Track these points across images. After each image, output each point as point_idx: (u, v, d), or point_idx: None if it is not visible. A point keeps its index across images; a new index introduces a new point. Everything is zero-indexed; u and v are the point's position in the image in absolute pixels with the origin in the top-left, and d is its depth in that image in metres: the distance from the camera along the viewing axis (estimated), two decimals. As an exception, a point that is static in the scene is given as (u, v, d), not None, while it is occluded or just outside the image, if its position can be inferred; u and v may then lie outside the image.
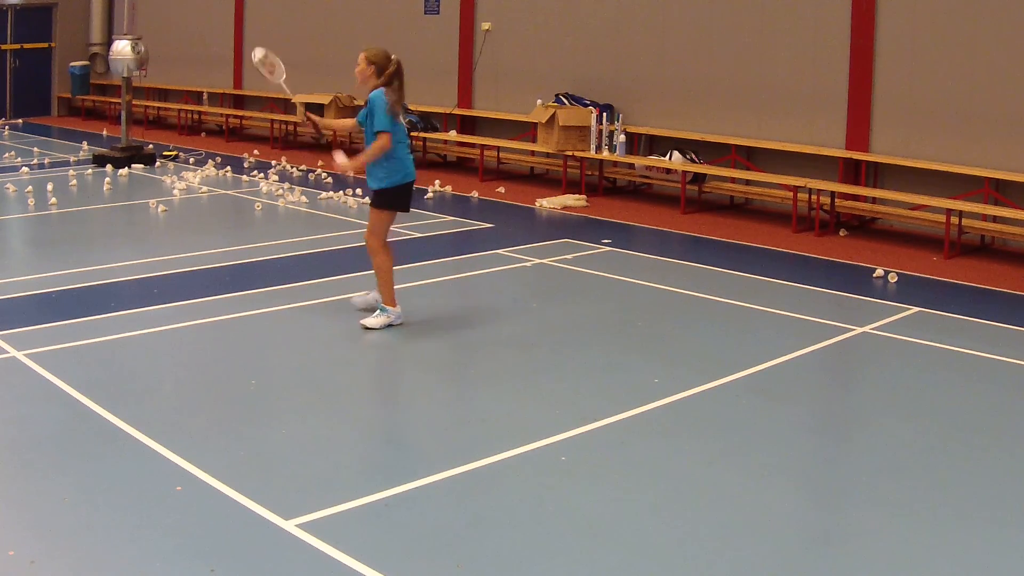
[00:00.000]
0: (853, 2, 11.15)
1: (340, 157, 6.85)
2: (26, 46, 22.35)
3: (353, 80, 6.96)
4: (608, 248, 9.63)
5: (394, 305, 6.82)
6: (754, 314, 7.50)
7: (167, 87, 20.77)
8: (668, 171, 12.21)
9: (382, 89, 6.66)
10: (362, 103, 7.00)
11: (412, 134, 14.99)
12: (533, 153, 13.89)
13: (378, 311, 6.80)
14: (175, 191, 12.27)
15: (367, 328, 6.69)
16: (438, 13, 15.81)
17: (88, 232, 10.40)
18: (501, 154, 14.26)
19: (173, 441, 4.91)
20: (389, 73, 6.67)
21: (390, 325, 6.76)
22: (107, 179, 13.17)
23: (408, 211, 7.13)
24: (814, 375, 6.41)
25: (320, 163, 14.72)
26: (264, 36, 19.03)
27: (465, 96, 15.48)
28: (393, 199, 6.85)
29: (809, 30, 11.62)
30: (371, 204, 6.91)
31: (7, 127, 20.24)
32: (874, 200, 10.94)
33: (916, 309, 7.66)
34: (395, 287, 6.88)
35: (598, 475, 4.75)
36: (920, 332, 7.03)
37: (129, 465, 4.69)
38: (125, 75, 14.56)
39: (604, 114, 12.85)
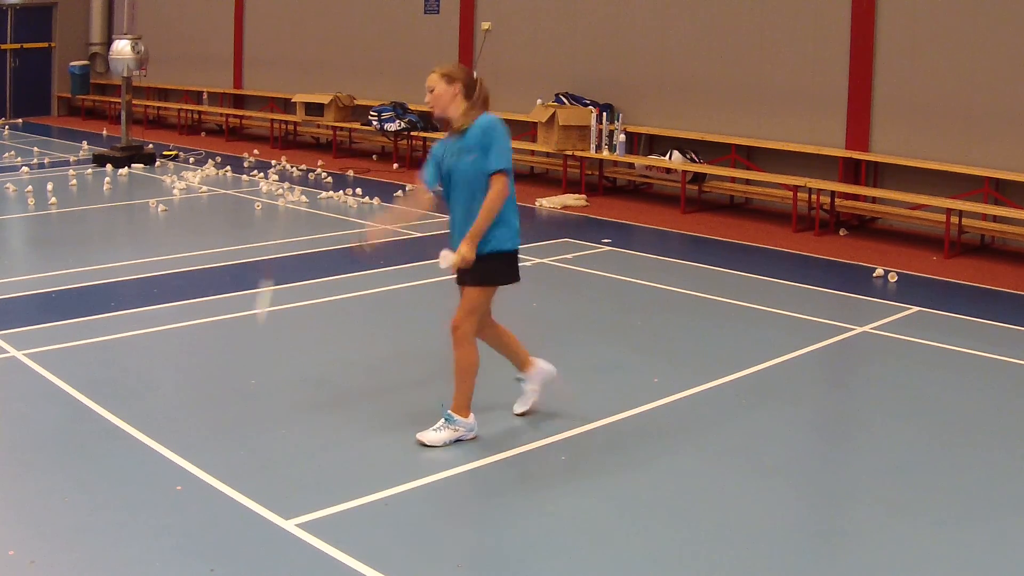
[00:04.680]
0: (853, 2, 11.15)
1: (448, 259, 4.91)
2: (26, 46, 22.35)
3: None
4: (608, 248, 9.63)
5: (467, 414, 5.04)
6: (754, 314, 7.50)
7: (167, 87, 20.77)
8: (668, 171, 12.21)
9: (496, 118, 4.99)
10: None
11: (412, 134, 15.01)
12: (533, 153, 13.88)
13: (443, 421, 4.99)
14: (175, 191, 12.27)
15: (424, 445, 4.93)
16: (438, 13, 15.81)
17: (88, 232, 10.39)
18: (501, 154, 14.24)
19: (173, 441, 4.91)
20: (481, 96, 5.05)
21: (458, 440, 5.01)
22: (107, 179, 13.17)
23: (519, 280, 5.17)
24: (814, 375, 6.41)
25: (320, 163, 14.73)
26: (264, 36, 19.06)
27: (465, 96, 15.45)
28: (506, 268, 5.01)
29: (809, 30, 11.61)
30: (471, 278, 4.95)
31: (7, 127, 20.24)
32: (874, 200, 10.94)
33: (916, 309, 7.66)
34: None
35: (598, 475, 4.75)
36: (920, 332, 7.03)
37: (129, 465, 4.69)
38: (125, 75, 14.56)
39: (604, 114, 12.85)
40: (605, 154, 12.68)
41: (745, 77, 12.21)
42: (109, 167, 14.06)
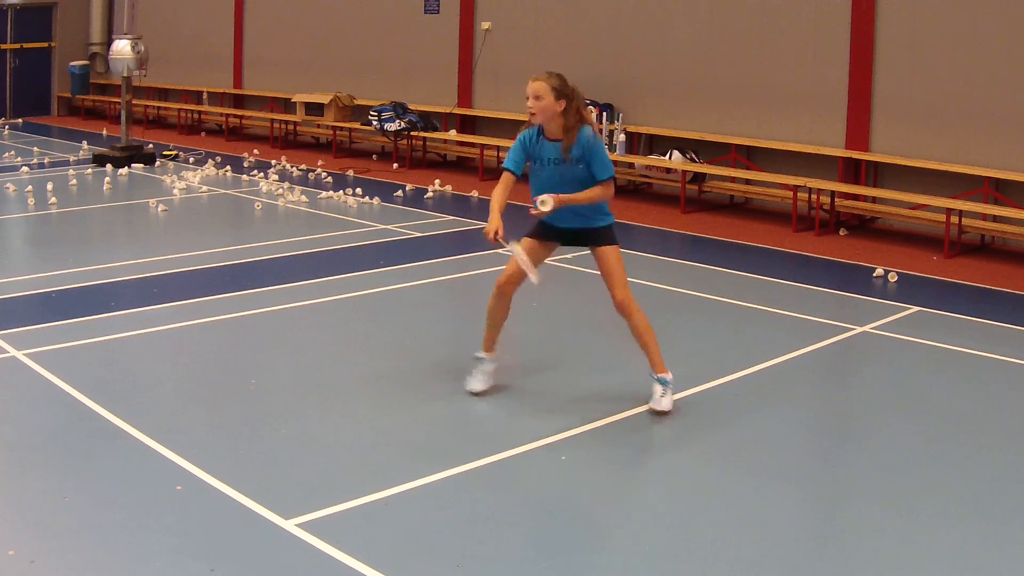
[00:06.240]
0: (853, 2, 11.15)
1: (549, 202, 5.28)
2: (26, 46, 22.35)
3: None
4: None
5: (667, 370, 5.48)
6: (754, 313, 7.50)
7: (167, 87, 20.78)
8: (668, 170, 12.21)
9: (590, 128, 5.40)
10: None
11: (412, 134, 15.02)
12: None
13: (659, 387, 5.43)
14: (175, 191, 12.27)
15: (660, 413, 5.38)
16: (438, 13, 15.81)
17: (88, 232, 10.40)
18: (501, 153, 14.25)
19: (173, 441, 4.91)
20: (580, 110, 5.39)
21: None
22: (107, 179, 13.17)
23: None
24: (814, 375, 6.41)
25: (320, 163, 14.73)
26: (264, 36, 19.06)
27: (465, 96, 15.48)
28: (615, 232, 5.61)
29: (809, 30, 11.61)
30: (605, 243, 5.48)
31: (7, 127, 20.24)
32: (874, 199, 10.94)
33: (916, 309, 7.66)
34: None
35: (598, 475, 4.75)
36: (920, 332, 7.03)
37: (129, 465, 4.69)
38: (125, 75, 14.56)
39: (604, 114, 12.85)
40: (605, 154, 12.66)
41: (745, 77, 12.21)
42: (109, 167, 14.06)
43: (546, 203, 5.28)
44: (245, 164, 14.74)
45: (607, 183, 5.38)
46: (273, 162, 14.82)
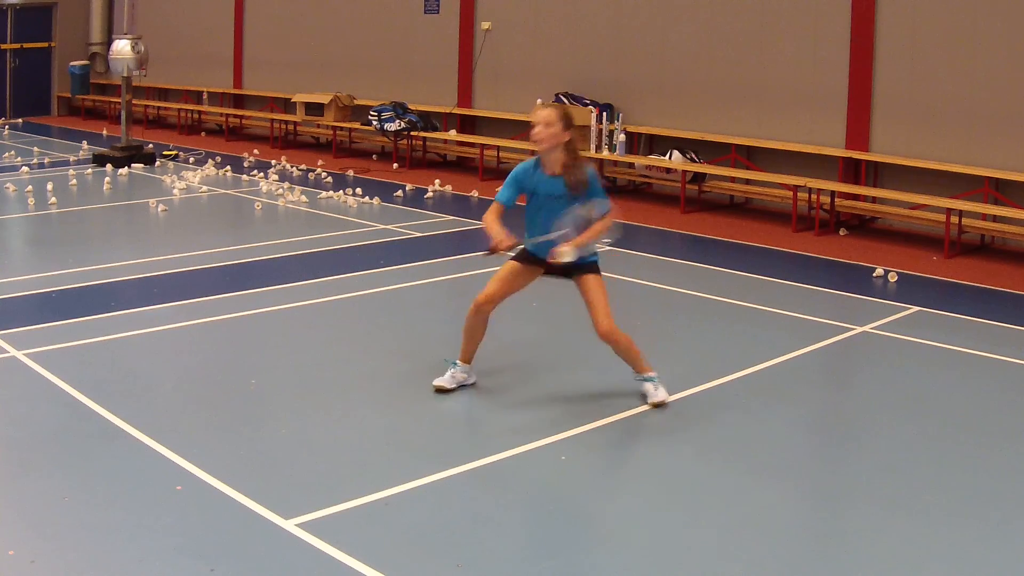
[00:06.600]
0: (853, 2, 11.15)
1: (571, 253, 5.45)
2: (26, 46, 22.35)
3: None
4: (608, 247, 9.62)
5: (650, 369, 5.67)
6: (754, 313, 7.50)
7: (167, 87, 20.78)
8: (668, 170, 12.21)
9: (592, 168, 5.64)
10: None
11: (412, 134, 15.02)
12: (533, 152, 13.86)
13: (649, 384, 5.60)
14: (175, 191, 12.27)
15: (660, 405, 5.50)
16: (438, 13, 15.81)
17: (88, 232, 10.39)
18: (501, 154, 14.27)
19: (173, 441, 4.91)
20: (575, 145, 5.62)
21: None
22: (107, 179, 13.17)
23: None
24: (814, 375, 6.41)
25: (320, 163, 14.72)
26: (264, 36, 19.06)
27: (465, 96, 15.48)
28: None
29: (809, 29, 11.61)
30: (588, 272, 5.61)
31: (7, 127, 20.23)
32: (874, 199, 10.94)
33: (916, 308, 7.66)
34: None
35: (598, 475, 4.75)
36: (920, 331, 7.03)
37: (129, 465, 4.69)
38: (125, 75, 14.56)
39: (604, 113, 12.85)
40: (605, 154, 12.68)
41: (745, 77, 12.21)
42: (109, 167, 14.06)
43: (567, 254, 5.39)
44: (245, 164, 14.74)
45: (610, 215, 5.57)
46: (273, 162, 14.82)
